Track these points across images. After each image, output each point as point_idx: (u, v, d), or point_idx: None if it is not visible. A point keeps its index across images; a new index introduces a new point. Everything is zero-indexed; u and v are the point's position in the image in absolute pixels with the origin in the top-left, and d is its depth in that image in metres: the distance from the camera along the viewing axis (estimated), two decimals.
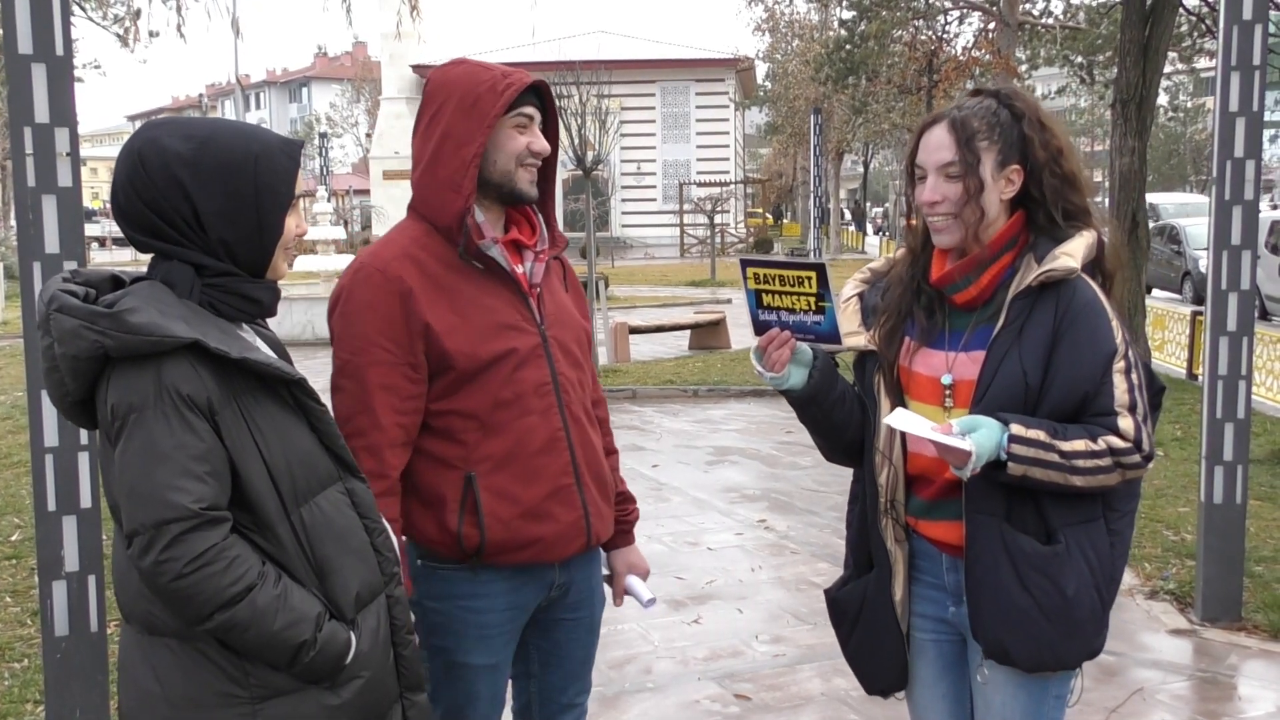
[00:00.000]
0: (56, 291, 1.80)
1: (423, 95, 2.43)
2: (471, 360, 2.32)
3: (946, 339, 2.31)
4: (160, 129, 1.89)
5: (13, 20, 3.31)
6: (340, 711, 1.89)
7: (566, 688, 2.64)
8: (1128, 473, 2.19)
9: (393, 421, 2.30)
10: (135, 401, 1.75)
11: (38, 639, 4.30)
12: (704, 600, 5.45)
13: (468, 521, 2.35)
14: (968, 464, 2.12)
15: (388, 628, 1.99)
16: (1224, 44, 4.78)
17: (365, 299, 2.30)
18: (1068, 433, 2.15)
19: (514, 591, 2.45)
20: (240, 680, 1.82)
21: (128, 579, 1.86)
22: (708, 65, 41.34)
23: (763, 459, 8.67)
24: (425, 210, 2.38)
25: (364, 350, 2.29)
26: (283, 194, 1.92)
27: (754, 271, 2.31)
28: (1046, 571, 2.19)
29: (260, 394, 1.86)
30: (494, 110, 2.31)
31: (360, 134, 59.58)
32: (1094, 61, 22.47)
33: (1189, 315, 11.87)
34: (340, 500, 1.95)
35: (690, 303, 20.66)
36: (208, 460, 1.76)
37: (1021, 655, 2.23)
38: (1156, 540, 6.11)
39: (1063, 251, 2.20)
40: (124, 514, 1.77)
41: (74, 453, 3.42)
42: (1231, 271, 4.84)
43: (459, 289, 2.35)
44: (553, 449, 2.40)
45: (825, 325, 2.27)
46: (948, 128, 2.25)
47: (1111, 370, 2.17)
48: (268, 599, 1.77)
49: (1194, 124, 45.37)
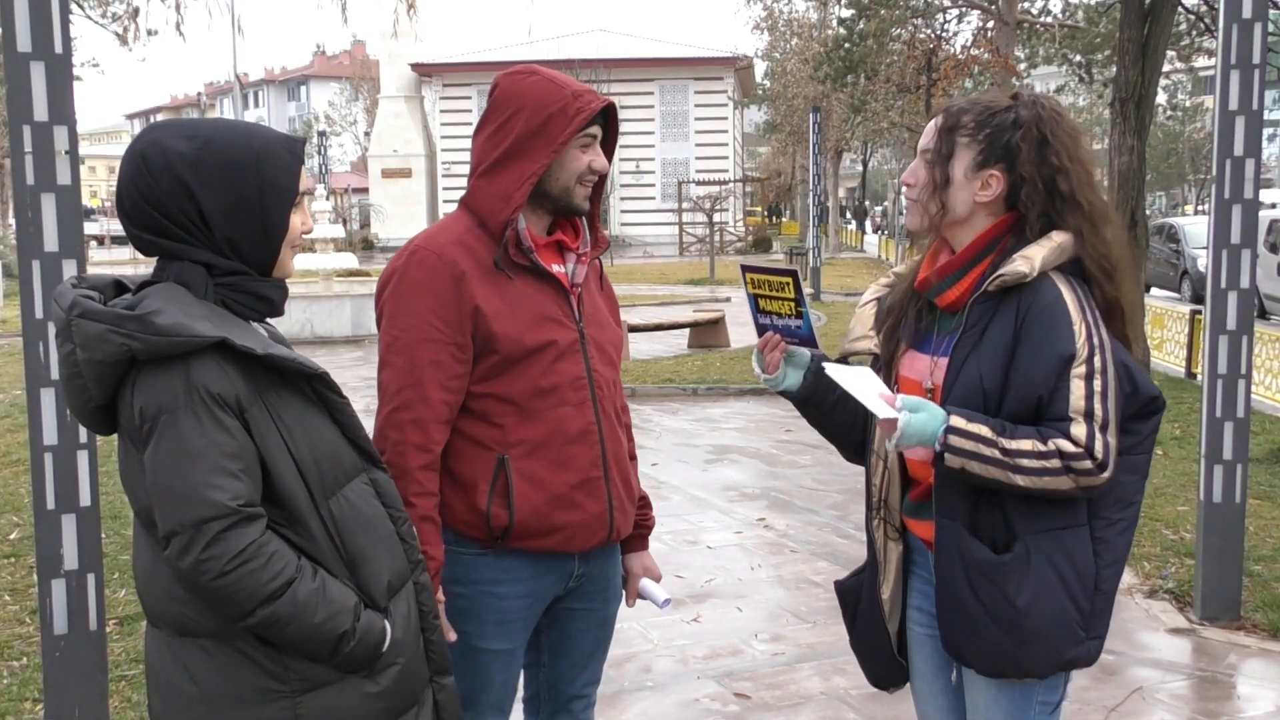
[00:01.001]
0: (77, 298, 1.80)
1: (490, 98, 2.47)
2: (516, 345, 2.39)
3: (932, 343, 2.32)
4: (163, 130, 1.91)
5: (11, 18, 3.31)
6: (378, 699, 1.91)
7: (575, 678, 2.68)
8: (1080, 479, 2.12)
9: (440, 398, 2.36)
10: (165, 402, 1.75)
11: (36, 637, 4.30)
12: (703, 599, 5.45)
13: (497, 503, 2.40)
14: (893, 437, 2.13)
15: (417, 614, 2.02)
16: (1223, 42, 4.78)
17: (420, 279, 2.37)
18: (1016, 432, 2.13)
19: (535, 579, 2.49)
20: (280, 675, 1.83)
21: (155, 582, 1.86)
22: (706, 64, 41.38)
23: (762, 457, 8.68)
24: (476, 209, 2.46)
25: (416, 328, 2.35)
26: (287, 191, 1.92)
27: (751, 276, 2.41)
28: (994, 580, 2.17)
29: (283, 390, 1.87)
30: (563, 136, 2.38)
31: (359, 132, 59.60)
32: (1093, 60, 22.45)
33: (1188, 314, 11.88)
34: (365, 491, 1.97)
35: (689, 301, 20.67)
36: (241, 458, 1.77)
37: (976, 659, 2.24)
38: (1155, 539, 6.11)
39: (1021, 255, 2.18)
40: (159, 515, 1.76)
41: (73, 451, 3.42)
42: (1231, 270, 4.84)
43: (506, 279, 2.42)
44: (585, 440, 2.46)
45: (804, 329, 2.37)
46: (941, 116, 2.27)
47: (1068, 374, 2.12)
48: (308, 592, 1.79)
49: (1193, 123, 45.36)
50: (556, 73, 2.46)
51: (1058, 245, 2.20)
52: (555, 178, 2.43)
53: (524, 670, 2.69)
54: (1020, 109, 2.23)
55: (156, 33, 19.56)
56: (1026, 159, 2.20)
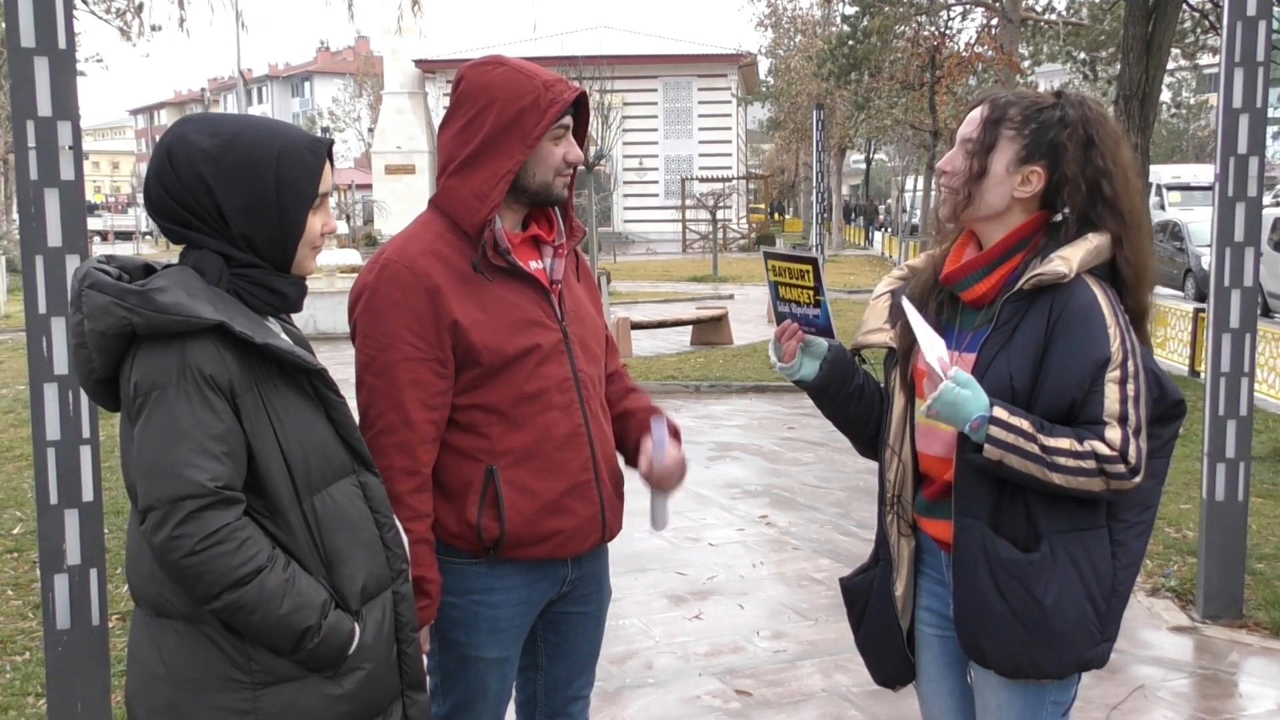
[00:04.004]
0: (90, 269, 1.85)
1: (455, 91, 2.39)
2: (498, 355, 2.32)
3: (955, 337, 2.30)
4: (191, 125, 1.94)
5: (15, 13, 3.31)
6: (340, 702, 1.91)
7: (573, 680, 2.66)
8: (1112, 482, 2.12)
9: (423, 418, 2.29)
10: (159, 379, 1.78)
11: (39, 632, 4.31)
12: (705, 596, 5.45)
13: (488, 514, 2.35)
14: (932, 396, 2.12)
15: (392, 623, 2.01)
16: (1228, 40, 4.77)
17: (393, 296, 2.29)
18: (1054, 430, 2.13)
19: (527, 586, 2.46)
20: (243, 665, 1.84)
21: (140, 560, 1.88)
22: (710, 60, 41.29)
23: (764, 455, 8.67)
24: (449, 210, 2.37)
25: (392, 347, 2.28)
26: (306, 192, 1.94)
27: (773, 264, 2.39)
28: (1023, 580, 2.16)
29: (281, 382, 1.89)
30: (538, 130, 2.30)
31: (363, 129, 59.56)
32: (1097, 58, 22.44)
33: (1191, 312, 11.86)
34: (353, 492, 1.98)
35: (692, 298, 20.66)
36: (226, 441, 1.79)
37: (997, 660, 2.23)
38: (1158, 537, 6.11)
39: (1059, 255, 2.16)
40: (140, 489, 1.79)
41: (76, 446, 3.42)
42: (1234, 268, 4.84)
43: (484, 285, 2.34)
44: (574, 444, 2.41)
45: (821, 318, 2.35)
46: (986, 106, 2.24)
47: (1103, 378, 2.12)
48: (276, 582, 1.80)
49: (1197, 120, 45.33)
50: (525, 62, 2.38)
51: (1095, 247, 2.18)
52: (532, 173, 2.35)
53: (520, 673, 2.66)
54: (1068, 107, 2.21)
55: (160, 28, 19.60)
56: (1072, 159, 2.17)
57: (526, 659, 2.62)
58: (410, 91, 42.86)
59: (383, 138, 42.89)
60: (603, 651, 2.78)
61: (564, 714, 2.67)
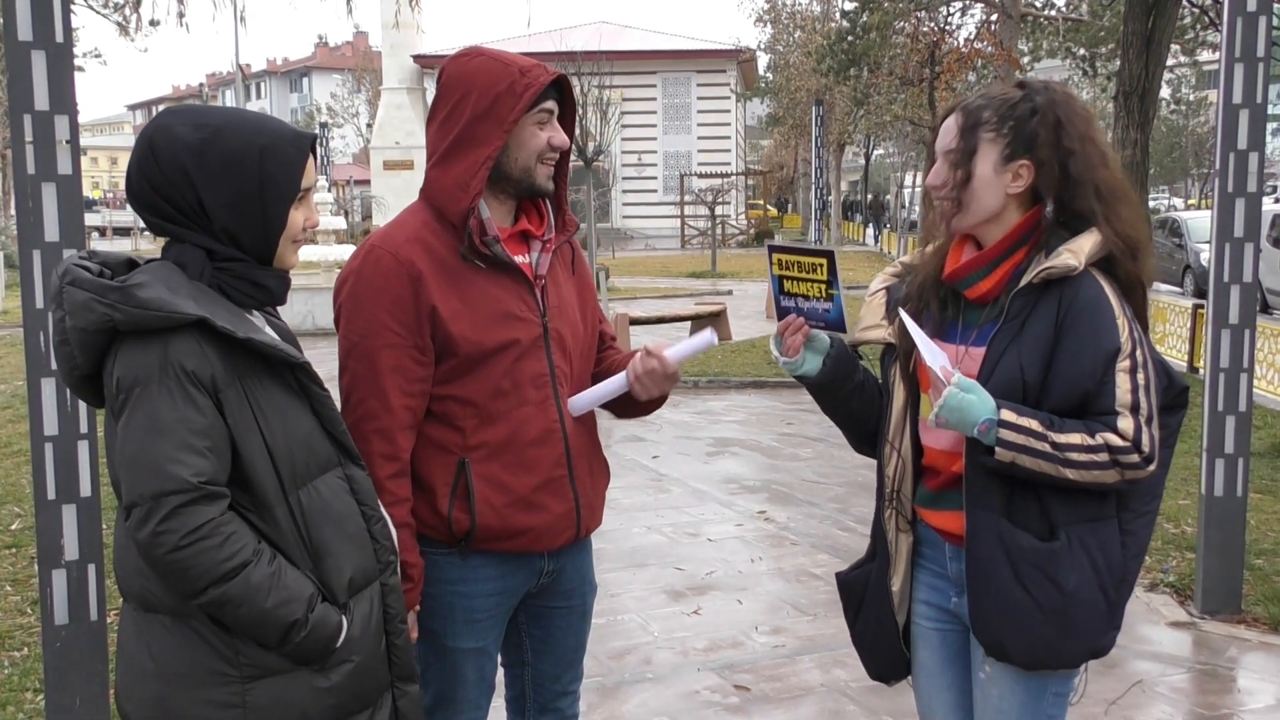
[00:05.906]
0: (70, 265, 1.84)
1: (437, 85, 2.40)
2: (476, 347, 2.33)
3: (959, 333, 2.30)
4: (175, 116, 1.93)
5: (13, 7, 3.30)
6: (329, 694, 1.91)
7: (561, 675, 2.66)
8: (1127, 472, 2.15)
9: (402, 404, 2.31)
10: (140, 375, 1.78)
11: (38, 628, 4.30)
12: (704, 591, 5.45)
13: (458, 507, 2.36)
14: (938, 404, 2.12)
15: (380, 615, 2.01)
16: (1228, 36, 4.77)
17: (376, 281, 2.30)
18: (1064, 426, 2.13)
19: (503, 578, 2.46)
20: (230, 659, 1.84)
21: (126, 555, 1.88)
22: (709, 56, 41.26)
23: (763, 450, 8.67)
24: (434, 200, 2.38)
25: (374, 333, 2.29)
26: (288, 187, 1.93)
27: (778, 257, 2.36)
28: (1043, 568, 2.17)
29: (264, 376, 1.88)
30: (513, 114, 2.30)
31: (361, 124, 59.46)
32: (1096, 54, 22.40)
33: (1190, 308, 11.86)
34: (339, 486, 1.97)
35: (691, 294, 20.63)
36: (209, 436, 1.78)
37: (1019, 652, 2.22)
38: (1157, 533, 6.11)
39: (1067, 249, 2.18)
40: (124, 485, 1.79)
41: (74, 441, 3.42)
42: (1234, 264, 4.83)
43: (467, 276, 2.35)
44: (548, 440, 2.41)
45: (834, 313, 2.31)
46: (959, 114, 2.25)
47: (1114, 369, 2.14)
48: (261, 576, 1.79)
49: (1196, 117, 45.26)
50: (503, 51, 2.38)
51: (1099, 241, 2.20)
52: (514, 158, 2.35)
53: (507, 670, 2.66)
54: (1035, 95, 2.22)
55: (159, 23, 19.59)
56: (1044, 142, 2.19)
57: (514, 655, 2.63)
58: (409, 87, 42.79)
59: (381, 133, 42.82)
60: (601, 646, 2.78)
61: (554, 709, 2.67)
